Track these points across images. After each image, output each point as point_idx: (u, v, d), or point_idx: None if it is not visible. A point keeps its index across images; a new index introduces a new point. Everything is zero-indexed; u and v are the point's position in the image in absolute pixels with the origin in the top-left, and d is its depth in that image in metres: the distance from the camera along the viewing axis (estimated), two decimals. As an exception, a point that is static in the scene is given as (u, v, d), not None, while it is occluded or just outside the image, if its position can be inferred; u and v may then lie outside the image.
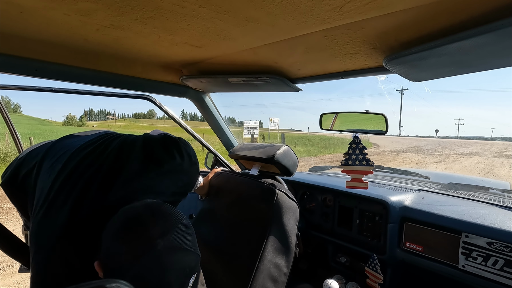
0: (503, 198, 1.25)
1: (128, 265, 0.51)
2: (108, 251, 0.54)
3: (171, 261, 0.53)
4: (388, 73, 0.89)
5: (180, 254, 0.55)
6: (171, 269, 0.53)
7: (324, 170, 2.31)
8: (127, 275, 0.51)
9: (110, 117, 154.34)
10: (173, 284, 0.53)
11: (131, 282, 0.45)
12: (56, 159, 0.72)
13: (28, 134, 13.48)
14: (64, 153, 0.73)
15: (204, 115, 1.52)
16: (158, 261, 0.52)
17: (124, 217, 0.57)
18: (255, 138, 14.41)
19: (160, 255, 0.52)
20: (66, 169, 0.68)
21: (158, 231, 0.54)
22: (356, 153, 0.99)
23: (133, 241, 0.53)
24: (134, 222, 0.56)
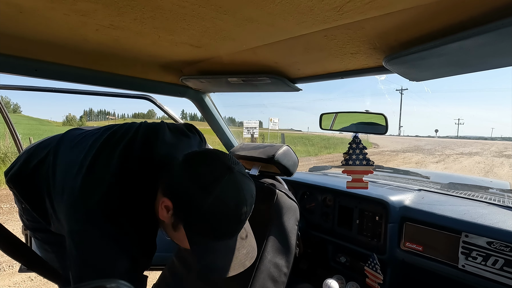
0: (503, 197, 1.25)
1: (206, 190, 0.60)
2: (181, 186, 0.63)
3: (243, 183, 0.64)
4: (388, 73, 0.89)
5: (247, 180, 0.66)
6: (244, 190, 0.63)
7: (324, 170, 2.31)
8: (206, 201, 0.59)
9: (110, 117, 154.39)
10: (247, 203, 0.63)
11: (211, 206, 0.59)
12: (78, 141, 0.81)
13: (28, 134, 13.47)
14: (84, 136, 0.82)
15: (204, 115, 1.52)
16: (235, 182, 0.62)
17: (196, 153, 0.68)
18: (255, 138, 14.41)
19: (236, 177, 0.63)
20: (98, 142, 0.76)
21: (230, 160, 0.66)
22: (356, 153, 0.99)
23: (213, 165, 0.64)
24: (209, 154, 0.67)
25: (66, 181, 0.72)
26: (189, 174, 0.63)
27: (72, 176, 0.70)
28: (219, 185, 0.60)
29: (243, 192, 0.63)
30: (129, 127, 0.81)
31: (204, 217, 0.61)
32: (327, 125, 1.13)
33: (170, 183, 0.65)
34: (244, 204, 0.63)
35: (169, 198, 0.64)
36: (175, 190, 0.64)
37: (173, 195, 0.64)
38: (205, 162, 0.65)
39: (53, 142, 0.85)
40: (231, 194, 0.61)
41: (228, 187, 0.61)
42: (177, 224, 0.65)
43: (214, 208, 0.60)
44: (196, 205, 0.60)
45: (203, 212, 0.60)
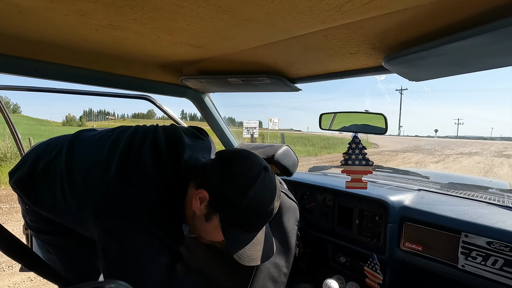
0: (503, 197, 1.25)
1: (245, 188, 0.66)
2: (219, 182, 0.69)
3: (275, 181, 0.73)
4: (388, 73, 0.89)
5: (276, 177, 0.75)
6: (276, 187, 0.72)
7: (324, 170, 2.31)
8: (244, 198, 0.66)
9: (109, 117, 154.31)
10: (277, 199, 0.72)
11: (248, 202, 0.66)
12: (93, 142, 0.83)
13: (28, 135, 13.46)
14: (100, 137, 0.84)
15: (203, 115, 1.52)
16: (270, 180, 0.70)
17: (232, 152, 0.74)
18: (254, 138, 14.40)
19: (270, 175, 0.71)
20: (119, 143, 0.78)
21: (262, 160, 0.73)
22: (356, 153, 0.99)
23: (250, 164, 0.70)
24: (244, 153, 0.74)
25: (90, 181, 0.73)
26: (228, 172, 0.69)
27: (97, 177, 0.73)
28: (256, 183, 0.67)
29: (275, 189, 0.71)
30: (147, 130, 0.83)
31: (241, 211, 0.67)
32: (326, 125, 1.13)
33: (207, 179, 0.71)
34: (276, 200, 0.71)
35: (206, 189, 0.69)
36: (212, 185, 0.69)
37: (210, 188, 0.69)
38: (243, 161, 0.71)
39: (62, 143, 0.85)
40: (266, 191, 0.69)
41: (264, 185, 0.68)
42: (210, 215, 0.70)
43: (251, 203, 0.66)
44: (235, 200, 0.66)
45: (240, 207, 0.66)
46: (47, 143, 0.90)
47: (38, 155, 0.85)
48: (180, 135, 0.82)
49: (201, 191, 0.69)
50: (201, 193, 0.69)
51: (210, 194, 0.69)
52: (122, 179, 0.70)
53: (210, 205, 0.69)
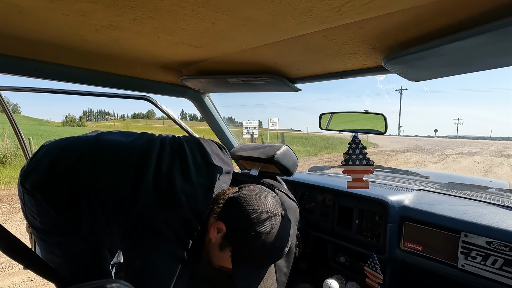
0: (502, 197, 1.25)
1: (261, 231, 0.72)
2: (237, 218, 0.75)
3: (289, 228, 0.79)
4: (387, 73, 0.89)
5: (291, 224, 0.81)
6: (289, 234, 0.78)
7: (324, 170, 2.31)
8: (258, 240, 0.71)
9: (109, 117, 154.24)
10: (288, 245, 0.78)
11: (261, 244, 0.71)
12: (118, 150, 0.84)
13: (27, 135, 13.45)
14: (124, 146, 0.86)
15: (203, 115, 1.52)
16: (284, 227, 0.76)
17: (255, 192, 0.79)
18: (254, 138, 14.40)
19: (286, 223, 0.78)
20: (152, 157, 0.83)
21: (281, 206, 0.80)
22: (356, 153, 0.99)
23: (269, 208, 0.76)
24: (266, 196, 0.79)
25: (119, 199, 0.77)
26: (248, 213, 0.73)
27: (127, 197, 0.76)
28: (272, 229, 0.73)
29: (288, 236, 0.77)
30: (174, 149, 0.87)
31: (252, 251, 0.73)
32: (326, 125, 1.13)
33: (228, 213, 0.77)
34: (286, 246, 0.76)
35: (224, 223, 0.75)
36: (231, 221, 0.75)
37: (228, 222, 0.75)
38: (263, 203, 0.76)
39: (82, 147, 0.84)
40: (279, 237, 0.74)
41: (278, 231, 0.74)
42: (224, 247, 0.75)
43: (263, 246, 0.72)
44: (249, 240, 0.72)
45: (253, 247, 0.72)
46: (63, 144, 0.86)
47: (56, 156, 0.82)
48: (207, 158, 0.90)
49: (220, 223, 0.76)
50: (220, 224, 0.75)
51: (227, 228, 0.74)
52: (154, 203, 0.75)
53: (226, 237, 0.75)
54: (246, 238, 0.72)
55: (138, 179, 0.78)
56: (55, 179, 0.80)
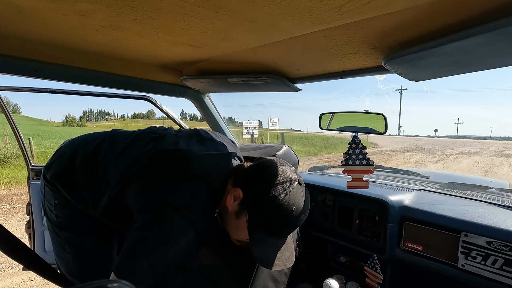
0: (503, 197, 1.25)
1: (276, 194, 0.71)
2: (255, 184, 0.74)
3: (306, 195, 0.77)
4: (387, 73, 0.89)
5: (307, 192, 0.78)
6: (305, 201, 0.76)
7: (324, 170, 2.31)
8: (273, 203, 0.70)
9: (109, 117, 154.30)
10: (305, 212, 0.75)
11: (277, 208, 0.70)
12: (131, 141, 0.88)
13: (28, 135, 13.45)
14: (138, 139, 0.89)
15: (203, 115, 1.52)
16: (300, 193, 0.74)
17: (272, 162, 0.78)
18: (254, 138, 14.40)
19: (301, 189, 0.76)
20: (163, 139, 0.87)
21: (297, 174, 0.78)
22: (356, 152, 0.99)
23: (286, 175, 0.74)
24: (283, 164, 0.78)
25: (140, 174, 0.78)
26: (263, 176, 0.74)
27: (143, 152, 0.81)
28: (287, 193, 0.71)
29: (304, 202, 0.75)
30: (191, 133, 0.91)
31: (268, 215, 0.71)
32: (326, 125, 1.13)
33: (246, 180, 0.76)
34: (303, 213, 0.74)
35: (241, 189, 0.74)
36: (248, 186, 0.74)
37: (245, 188, 0.74)
38: (279, 169, 0.75)
39: (100, 137, 0.91)
40: (295, 203, 0.72)
41: (294, 196, 0.72)
42: (240, 213, 0.74)
43: (279, 210, 0.70)
44: (264, 203, 0.71)
45: (268, 210, 0.70)
46: (82, 138, 0.94)
47: (76, 147, 0.89)
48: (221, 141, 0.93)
49: (237, 189, 0.74)
50: (237, 191, 0.74)
51: (244, 193, 0.74)
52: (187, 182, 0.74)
53: (242, 203, 0.74)
54: (262, 200, 0.71)
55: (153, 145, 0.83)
56: (74, 167, 0.85)
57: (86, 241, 0.93)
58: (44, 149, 11.47)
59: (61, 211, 0.91)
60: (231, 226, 0.79)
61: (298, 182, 0.75)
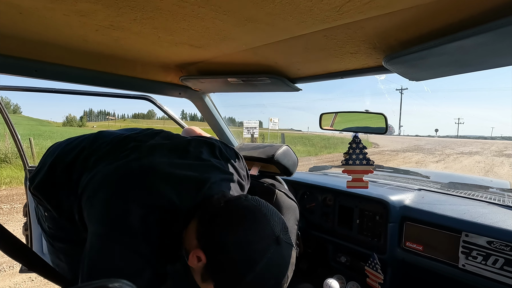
0: (503, 197, 1.25)
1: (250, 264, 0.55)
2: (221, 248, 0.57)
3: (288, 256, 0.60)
4: (388, 73, 0.89)
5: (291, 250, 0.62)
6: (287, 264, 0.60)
7: (324, 169, 2.31)
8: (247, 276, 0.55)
9: (110, 117, 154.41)
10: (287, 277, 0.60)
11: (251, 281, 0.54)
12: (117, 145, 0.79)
13: (28, 135, 13.46)
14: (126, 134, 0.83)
15: (203, 115, 1.52)
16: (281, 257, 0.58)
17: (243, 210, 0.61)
18: (255, 138, 14.40)
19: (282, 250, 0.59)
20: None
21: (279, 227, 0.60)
22: (357, 152, 0.99)
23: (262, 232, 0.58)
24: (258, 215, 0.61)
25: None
26: (233, 237, 0.57)
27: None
28: (264, 260, 0.55)
29: (286, 267, 0.60)
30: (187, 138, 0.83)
31: None
32: (327, 125, 1.13)
33: (209, 237, 0.59)
34: (284, 280, 0.60)
35: (204, 252, 0.58)
36: (213, 249, 0.58)
37: (210, 252, 0.58)
38: (253, 226, 0.58)
39: (83, 142, 0.82)
40: (274, 270, 0.57)
41: (272, 262, 0.57)
42: (206, 279, 0.60)
43: (254, 283, 0.56)
44: (235, 278, 0.56)
45: (241, 285, 0.56)
46: (65, 143, 0.86)
47: (57, 155, 0.82)
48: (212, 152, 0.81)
49: (198, 251, 0.59)
50: (199, 253, 0.59)
51: (208, 260, 0.58)
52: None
53: (207, 270, 0.59)
54: (231, 275, 0.56)
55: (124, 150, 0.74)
56: (55, 178, 0.79)
57: (80, 250, 0.88)
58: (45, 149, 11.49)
59: (51, 222, 0.87)
60: (198, 281, 0.65)
61: (278, 240, 0.58)
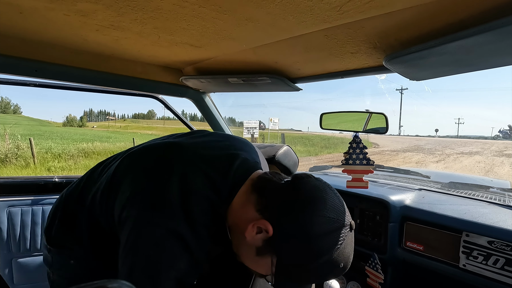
0: (504, 197, 1.25)
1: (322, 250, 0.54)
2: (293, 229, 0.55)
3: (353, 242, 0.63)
4: (388, 72, 0.89)
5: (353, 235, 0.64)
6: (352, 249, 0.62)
7: (324, 169, 2.31)
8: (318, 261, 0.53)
9: (110, 117, 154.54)
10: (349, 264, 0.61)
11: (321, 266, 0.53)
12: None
13: (28, 135, 13.48)
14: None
15: (204, 115, 1.52)
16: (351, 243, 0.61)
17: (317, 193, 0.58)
18: (255, 138, 14.41)
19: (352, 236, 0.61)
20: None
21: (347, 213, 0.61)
22: (357, 152, 0.99)
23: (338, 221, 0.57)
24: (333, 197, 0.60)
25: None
26: (306, 222, 0.53)
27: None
28: (339, 247, 0.54)
29: (353, 250, 0.59)
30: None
31: (308, 271, 0.55)
32: (327, 124, 1.13)
33: (278, 213, 0.56)
34: (349, 264, 0.59)
35: (272, 225, 0.55)
36: (285, 226, 0.55)
37: (277, 226, 0.55)
38: (332, 207, 0.56)
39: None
40: (343, 258, 0.56)
41: (344, 249, 0.56)
42: (265, 253, 0.56)
43: (323, 267, 0.54)
44: (308, 258, 0.53)
45: (311, 266, 0.54)
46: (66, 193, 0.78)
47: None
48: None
49: (264, 222, 0.55)
50: (264, 224, 0.55)
51: (276, 234, 0.54)
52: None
53: (270, 244, 0.55)
54: (305, 255, 0.53)
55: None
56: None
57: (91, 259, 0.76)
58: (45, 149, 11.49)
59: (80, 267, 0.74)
60: (246, 257, 0.61)
61: (350, 226, 0.58)
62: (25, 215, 1.31)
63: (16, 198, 1.30)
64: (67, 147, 12.93)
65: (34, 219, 1.32)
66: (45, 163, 9.09)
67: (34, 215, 1.32)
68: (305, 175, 0.62)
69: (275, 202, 0.57)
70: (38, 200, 1.34)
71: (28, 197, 1.32)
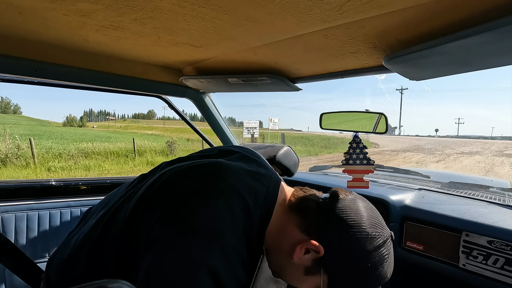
0: (504, 196, 1.25)
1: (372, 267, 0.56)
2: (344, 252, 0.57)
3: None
4: (388, 72, 0.89)
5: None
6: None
7: (325, 169, 2.31)
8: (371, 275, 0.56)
9: (110, 117, 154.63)
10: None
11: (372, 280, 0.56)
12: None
13: (28, 135, 13.48)
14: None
15: (204, 115, 1.52)
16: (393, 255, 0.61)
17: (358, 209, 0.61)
18: (255, 138, 14.41)
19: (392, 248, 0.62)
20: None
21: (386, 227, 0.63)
22: (357, 152, 0.99)
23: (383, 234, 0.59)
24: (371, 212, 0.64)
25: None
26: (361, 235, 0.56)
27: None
28: (387, 259, 0.57)
29: (392, 263, 0.61)
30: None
31: (359, 285, 0.58)
32: (327, 124, 1.13)
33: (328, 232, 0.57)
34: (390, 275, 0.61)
35: (322, 245, 0.56)
36: (336, 244, 0.56)
37: (331, 247, 0.56)
38: (375, 222, 0.59)
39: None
40: (390, 268, 0.59)
41: (390, 261, 0.59)
42: (314, 272, 0.58)
43: (373, 281, 0.57)
44: (360, 272, 0.56)
45: (360, 282, 0.57)
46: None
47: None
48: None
49: (313, 243, 0.56)
50: (313, 246, 0.56)
51: (326, 254, 0.56)
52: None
53: (321, 263, 0.57)
54: (357, 272, 0.56)
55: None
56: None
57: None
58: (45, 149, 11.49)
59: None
60: (292, 276, 0.62)
61: (392, 239, 0.61)
62: (19, 221, 1.25)
63: (9, 203, 1.24)
64: (67, 147, 12.93)
65: (29, 225, 1.26)
66: (45, 163, 9.10)
67: (29, 221, 1.26)
68: (343, 191, 0.65)
69: (321, 222, 0.58)
70: (34, 205, 1.28)
71: (23, 202, 1.26)
